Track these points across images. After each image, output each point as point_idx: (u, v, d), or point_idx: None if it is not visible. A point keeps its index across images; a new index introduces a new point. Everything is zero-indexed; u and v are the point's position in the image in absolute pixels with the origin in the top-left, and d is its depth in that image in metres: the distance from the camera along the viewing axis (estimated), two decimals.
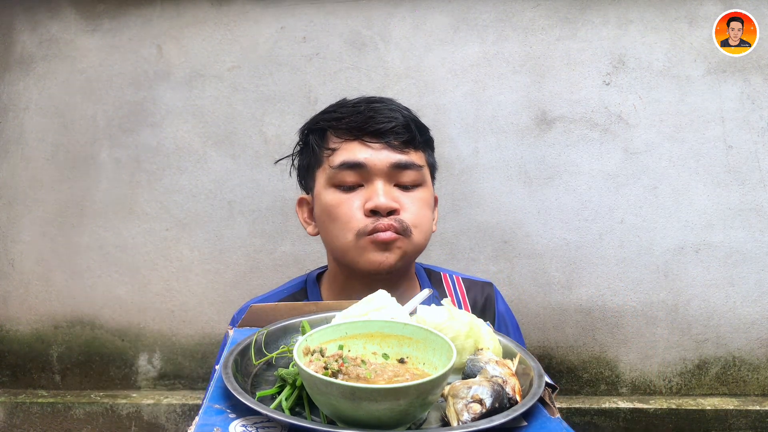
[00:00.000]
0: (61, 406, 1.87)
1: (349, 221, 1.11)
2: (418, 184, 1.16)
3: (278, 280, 1.61)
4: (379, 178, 1.12)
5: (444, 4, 1.84)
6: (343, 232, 1.12)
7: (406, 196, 1.14)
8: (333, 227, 1.14)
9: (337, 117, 1.17)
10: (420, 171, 1.16)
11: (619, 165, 1.84)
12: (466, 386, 0.68)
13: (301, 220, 1.26)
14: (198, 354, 1.91)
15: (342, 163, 1.12)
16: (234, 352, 0.78)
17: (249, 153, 1.87)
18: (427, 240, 1.17)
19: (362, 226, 1.10)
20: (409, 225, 1.12)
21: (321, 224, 1.18)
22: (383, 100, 1.20)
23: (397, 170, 1.13)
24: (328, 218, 1.14)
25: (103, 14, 1.89)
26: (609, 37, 1.83)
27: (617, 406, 1.81)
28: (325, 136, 1.18)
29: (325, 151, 1.16)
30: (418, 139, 1.17)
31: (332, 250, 1.19)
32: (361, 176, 1.12)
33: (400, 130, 1.14)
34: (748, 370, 1.85)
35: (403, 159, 1.13)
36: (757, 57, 1.81)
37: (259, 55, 1.87)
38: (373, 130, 1.13)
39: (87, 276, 1.92)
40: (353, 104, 1.19)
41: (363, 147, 1.12)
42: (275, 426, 0.64)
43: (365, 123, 1.13)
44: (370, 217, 1.10)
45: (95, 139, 1.90)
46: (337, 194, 1.13)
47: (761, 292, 1.84)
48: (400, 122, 1.15)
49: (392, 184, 1.13)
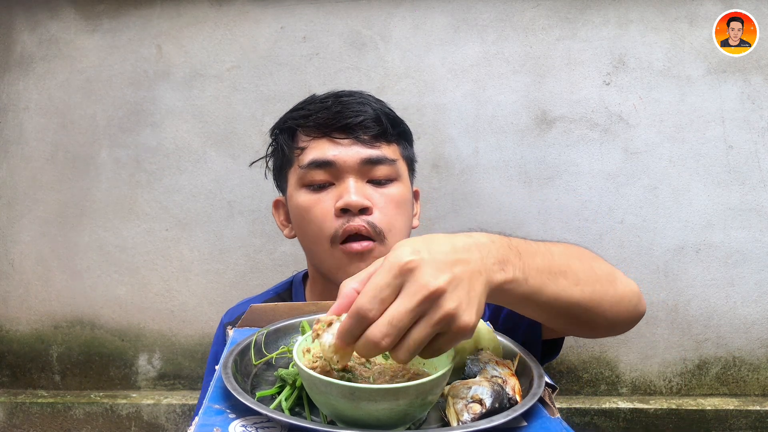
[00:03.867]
0: (61, 406, 1.87)
1: (321, 224, 1.07)
2: (391, 179, 1.11)
3: (278, 280, 1.61)
4: (349, 176, 1.07)
5: (444, 4, 1.84)
6: (317, 237, 1.08)
7: (379, 193, 1.09)
8: (308, 230, 1.10)
9: (305, 114, 1.13)
10: (393, 165, 1.11)
11: (619, 165, 1.84)
12: (466, 386, 0.68)
13: (277, 223, 1.23)
14: (198, 354, 1.91)
15: (311, 162, 1.08)
16: (234, 352, 0.78)
17: (249, 153, 1.87)
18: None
19: (333, 231, 1.06)
20: (382, 229, 1.07)
21: (297, 227, 1.15)
22: (353, 93, 1.16)
23: (368, 166, 1.08)
24: (302, 221, 1.11)
25: (102, 14, 1.89)
26: (609, 37, 1.83)
27: (617, 406, 1.81)
28: (294, 135, 1.15)
29: (295, 150, 1.12)
30: (389, 131, 1.12)
31: (309, 255, 1.17)
32: (332, 174, 1.08)
33: (370, 124, 1.10)
34: (748, 371, 1.85)
35: (374, 154, 1.08)
36: (757, 57, 1.81)
37: (259, 55, 1.87)
38: (341, 125, 1.09)
39: (87, 276, 1.92)
40: (321, 100, 1.15)
41: (331, 144, 1.08)
42: (275, 426, 0.64)
43: (333, 119, 1.09)
44: (341, 217, 1.06)
45: (95, 139, 1.90)
46: (308, 195, 1.09)
47: (761, 292, 1.84)
48: (369, 115, 1.10)
49: (364, 181, 1.09)
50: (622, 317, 0.93)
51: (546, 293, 0.78)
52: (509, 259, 0.73)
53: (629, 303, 0.92)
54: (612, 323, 0.92)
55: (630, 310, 0.93)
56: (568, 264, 0.82)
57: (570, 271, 0.81)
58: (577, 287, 0.82)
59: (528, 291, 0.75)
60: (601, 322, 0.89)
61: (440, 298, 0.61)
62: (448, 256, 0.64)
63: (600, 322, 0.89)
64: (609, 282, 0.89)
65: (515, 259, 0.74)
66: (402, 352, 0.61)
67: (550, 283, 0.78)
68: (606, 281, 0.88)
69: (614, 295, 0.89)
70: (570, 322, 0.88)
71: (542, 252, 0.80)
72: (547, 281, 0.77)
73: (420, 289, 0.60)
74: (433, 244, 0.65)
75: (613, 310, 0.89)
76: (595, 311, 0.86)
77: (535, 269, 0.76)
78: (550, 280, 0.78)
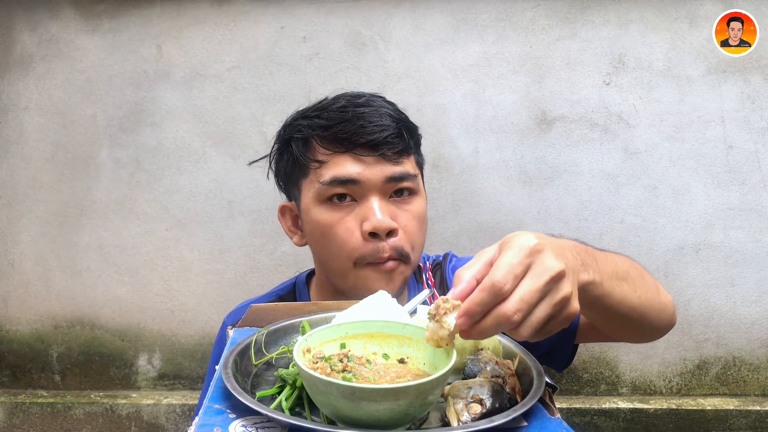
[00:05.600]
0: (61, 406, 1.87)
1: (344, 244, 1.05)
2: (414, 192, 1.10)
3: (278, 280, 1.61)
4: (373, 194, 1.05)
5: (444, 4, 1.84)
6: (339, 257, 1.07)
7: (403, 210, 1.08)
8: (329, 248, 1.08)
9: (323, 125, 1.08)
10: (415, 180, 1.10)
11: (619, 165, 1.84)
12: (466, 386, 0.68)
13: (285, 229, 1.20)
14: (198, 354, 1.91)
15: (333, 179, 1.05)
16: (234, 352, 0.78)
17: (249, 153, 1.87)
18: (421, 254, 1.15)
19: (360, 255, 1.05)
20: (408, 252, 1.07)
21: (313, 241, 1.12)
22: (369, 102, 1.11)
23: (391, 183, 1.07)
24: (321, 237, 1.09)
25: (102, 14, 1.89)
26: (609, 37, 1.83)
27: (617, 406, 1.81)
28: (309, 145, 1.10)
29: (312, 162, 1.08)
30: (411, 145, 1.11)
31: (326, 269, 1.14)
32: (354, 192, 1.06)
33: (394, 140, 1.07)
34: (748, 370, 1.85)
35: (397, 171, 1.07)
36: (757, 57, 1.81)
37: (259, 55, 1.87)
38: (365, 142, 1.05)
39: (87, 276, 1.92)
40: (338, 108, 1.09)
41: (355, 161, 1.05)
42: (275, 426, 0.64)
43: (355, 134, 1.05)
44: (369, 240, 1.04)
45: (95, 139, 1.90)
46: (330, 213, 1.07)
47: (761, 292, 1.84)
48: (392, 130, 1.07)
49: (387, 197, 1.07)
50: (663, 324, 1.04)
51: (614, 296, 0.86)
52: (589, 263, 0.81)
53: (669, 312, 1.04)
54: (655, 328, 1.04)
55: (669, 318, 1.05)
56: (628, 272, 0.92)
57: (630, 278, 0.91)
58: (636, 293, 0.91)
59: (602, 293, 0.83)
60: (647, 327, 1.01)
61: (561, 281, 0.67)
62: (561, 248, 0.72)
63: (647, 326, 1.00)
64: (656, 291, 1.00)
65: (593, 263, 0.82)
66: (526, 329, 0.66)
67: (617, 287, 0.87)
68: (654, 290, 0.99)
69: (660, 303, 1.00)
70: (626, 324, 0.97)
71: (609, 259, 0.89)
72: (616, 286, 0.86)
73: (547, 270, 0.66)
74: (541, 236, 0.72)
75: (658, 317, 1.00)
76: (646, 316, 0.97)
77: (608, 274, 0.85)
78: (617, 285, 0.87)
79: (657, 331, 1.06)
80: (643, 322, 0.97)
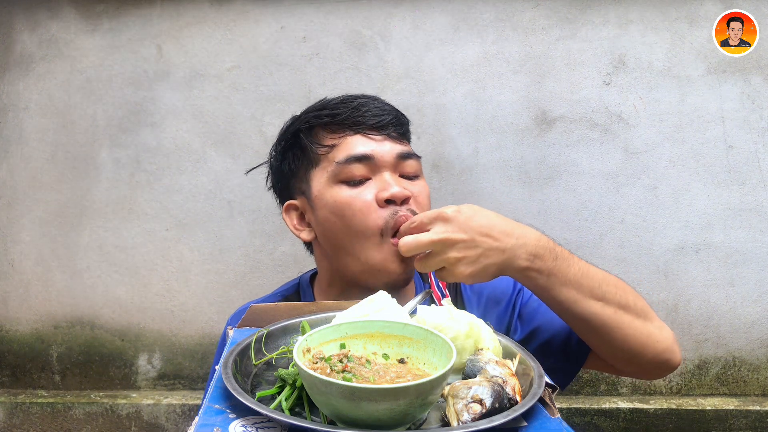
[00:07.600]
0: (61, 406, 1.87)
1: (366, 216, 1.08)
2: (418, 175, 1.17)
3: (278, 280, 1.61)
4: (386, 170, 1.12)
5: (444, 4, 1.84)
6: (364, 230, 1.08)
7: (413, 184, 1.14)
8: (351, 224, 1.08)
9: (331, 114, 1.16)
10: (419, 161, 1.18)
11: (619, 165, 1.84)
12: (466, 386, 0.68)
13: (291, 228, 1.21)
14: (198, 354, 1.91)
15: (349, 157, 1.11)
16: (234, 352, 0.78)
17: (249, 153, 1.87)
18: None
19: (383, 222, 1.07)
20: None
21: (330, 226, 1.12)
22: (366, 96, 1.20)
23: (401, 161, 1.14)
24: (342, 216, 1.09)
25: (102, 14, 1.89)
26: (609, 37, 1.83)
27: (617, 406, 1.81)
28: (318, 135, 1.16)
29: (322, 148, 1.14)
30: (408, 131, 1.22)
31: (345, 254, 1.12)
32: (369, 169, 1.11)
33: (397, 122, 1.17)
34: (748, 370, 1.86)
35: (405, 149, 1.15)
36: (757, 57, 1.81)
37: (259, 55, 1.87)
38: (373, 123, 1.14)
39: (87, 276, 1.91)
40: (342, 101, 1.18)
41: (366, 140, 1.13)
42: (275, 426, 0.64)
43: (362, 116, 1.14)
44: (385, 207, 1.08)
45: (95, 139, 1.90)
46: (347, 189, 1.10)
47: (761, 292, 1.84)
48: (394, 114, 1.17)
49: (398, 175, 1.14)
50: (646, 354, 1.06)
51: (562, 294, 1.01)
52: (543, 257, 0.99)
53: (656, 343, 1.06)
54: (632, 353, 1.06)
55: (657, 351, 1.07)
56: (600, 284, 1.03)
57: (598, 289, 1.02)
58: (599, 303, 1.02)
59: (546, 285, 1.00)
60: (618, 345, 1.05)
61: (451, 248, 0.97)
62: (481, 228, 0.97)
63: (617, 345, 1.05)
64: (637, 315, 1.05)
65: (550, 260, 0.99)
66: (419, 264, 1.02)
67: (571, 289, 1.00)
68: (634, 313, 1.05)
69: (638, 327, 1.05)
70: (588, 331, 1.05)
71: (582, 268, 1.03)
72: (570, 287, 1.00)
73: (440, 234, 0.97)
74: (480, 213, 0.99)
75: (635, 341, 1.05)
76: (613, 332, 1.03)
77: (563, 273, 1.00)
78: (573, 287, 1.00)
79: (637, 359, 1.07)
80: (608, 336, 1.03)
